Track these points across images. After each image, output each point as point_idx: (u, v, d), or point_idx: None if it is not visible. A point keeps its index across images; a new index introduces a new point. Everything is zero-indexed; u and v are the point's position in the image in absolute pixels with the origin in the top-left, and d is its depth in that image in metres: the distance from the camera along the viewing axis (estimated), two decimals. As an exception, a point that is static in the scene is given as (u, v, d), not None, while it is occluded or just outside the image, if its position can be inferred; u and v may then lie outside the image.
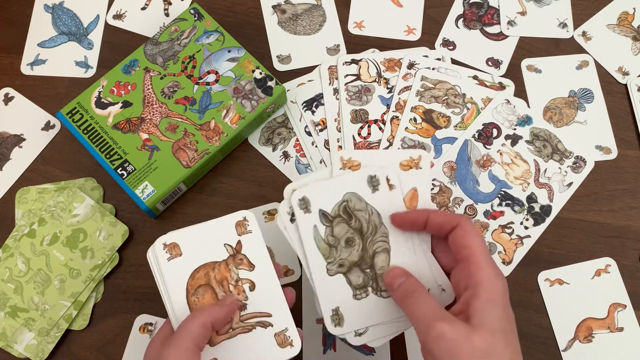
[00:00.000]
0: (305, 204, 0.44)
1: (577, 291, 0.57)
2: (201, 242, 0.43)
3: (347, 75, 0.64)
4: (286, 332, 0.42)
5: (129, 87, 0.59)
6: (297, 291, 0.48)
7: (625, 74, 0.65)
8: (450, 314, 0.37)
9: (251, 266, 0.43)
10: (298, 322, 0.47)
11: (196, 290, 0.42)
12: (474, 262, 0.39)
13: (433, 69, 0.64)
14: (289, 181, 0.60)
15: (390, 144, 0.61)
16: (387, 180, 0.45)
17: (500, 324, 0.36)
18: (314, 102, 0.63)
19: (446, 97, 0.63)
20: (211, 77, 0.60)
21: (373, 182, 0.45)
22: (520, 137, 0.61)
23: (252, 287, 0.43)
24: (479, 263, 0.39)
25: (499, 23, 0.68)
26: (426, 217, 0.42)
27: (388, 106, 0.63)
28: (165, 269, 0.42)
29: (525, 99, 0.64)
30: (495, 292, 0.38)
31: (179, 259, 0.42)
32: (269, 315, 0.43)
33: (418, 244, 0.44)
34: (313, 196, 0.44)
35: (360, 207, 0.45)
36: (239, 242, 0.44)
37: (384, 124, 0.62)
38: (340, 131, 0.62)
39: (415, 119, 0.62)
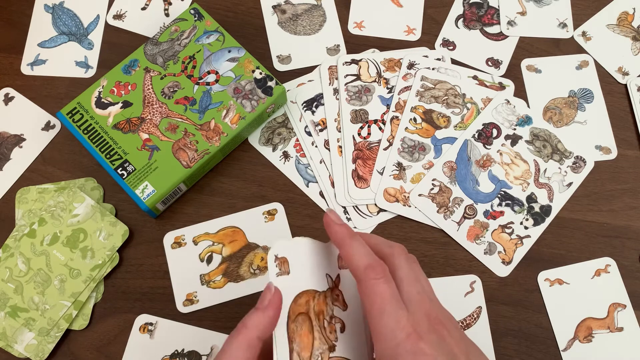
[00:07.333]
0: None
1: (577, 291, 0.57)
2: (307, 264, 0.39)
3: (347, 75, 0.64)
4: None
5: (129, 87, 0.59)
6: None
7: (625, 74, 0.65)
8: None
9: (345, 305, 0.39)
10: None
11: (296, 318, 0.38)
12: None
13: (433, 69, 0.64)
14: (289, 181, 0.60)
15: (390, 144, 0.61)
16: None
17: None
18: (314, 102, 0.63)
19: (446, 97, 0.63)
20: (211, 77, 0.60)
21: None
22: (520, 137, 0.61)
23: (343, 328, 0.39)
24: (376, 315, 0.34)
25: (498, 23, 0.68)
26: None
27: (388, 106, 0.63)
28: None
29: (525, 99, 0.64)
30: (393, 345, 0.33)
31: (286, 278, 0.38)
32: None
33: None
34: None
35: None
36: (338, 276, 0.40)
37: (384, 124, 0.62)
38: (340, 131, 0.62)
39: (415, 119, 0.62)
